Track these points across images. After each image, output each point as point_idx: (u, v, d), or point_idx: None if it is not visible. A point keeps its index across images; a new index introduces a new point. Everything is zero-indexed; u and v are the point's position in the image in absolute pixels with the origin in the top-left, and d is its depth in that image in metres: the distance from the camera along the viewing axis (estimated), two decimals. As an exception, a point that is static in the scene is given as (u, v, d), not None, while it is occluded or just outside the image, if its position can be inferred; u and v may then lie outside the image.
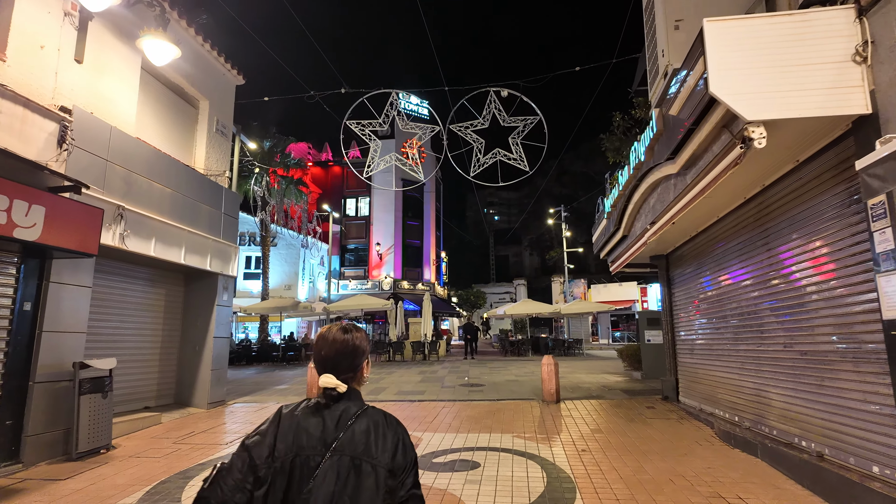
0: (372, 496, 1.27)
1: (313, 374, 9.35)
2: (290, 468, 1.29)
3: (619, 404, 9.24)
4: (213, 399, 9.22)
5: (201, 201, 9.15)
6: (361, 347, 1.52)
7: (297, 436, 1.33)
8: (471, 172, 10.30)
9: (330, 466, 1.28)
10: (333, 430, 1.34)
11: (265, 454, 1.31)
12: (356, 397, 1.46)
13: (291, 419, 1.39)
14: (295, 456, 1.30)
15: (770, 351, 5.77)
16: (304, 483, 1.27)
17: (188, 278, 9.64)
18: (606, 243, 10.08)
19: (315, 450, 1.31)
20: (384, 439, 1.35)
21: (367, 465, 1.30)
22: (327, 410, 1.38)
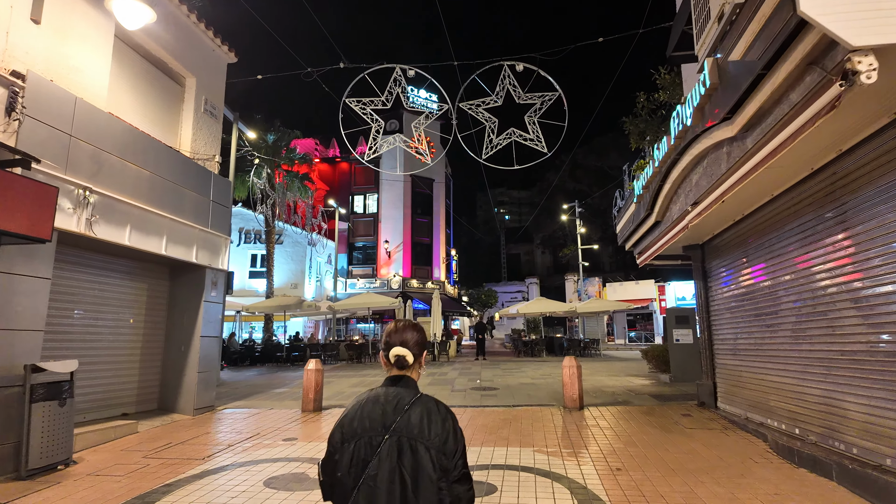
0: (429, 473, 1.47)
1: (309, 378, 8.49)
2: (354, 448, 1.50)
3: (651, 411, 8.25)
4: (199, 404, 8.38)
5: (186, 187, 8.32)
6: (424, 340, 1.75)
7: (360, 421, 1.54)
8: (482, 154, 9.37)
9: (390, 446, 1.48)
10: (392, 415, 1.53)
11: (338, 439, 1.56)
12: (412, 385, 1.66)
13: (355, 408, 1.60)
14: (359, 438, 1.51)
15: (847, 351, 4.77)
16: (368, 460, 1.48)
17: (174, 272, 8.82)
18: (634, 232, 9.08)
19: (376, 431, 1.51)
20: (436, 424, 1.53)
21: (421, 447, 1.49)
22: (385, 396, 1.59)
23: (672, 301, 34.07)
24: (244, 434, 6.91)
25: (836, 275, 4.86)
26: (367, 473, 1.45)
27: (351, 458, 1.49)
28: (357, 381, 13.07)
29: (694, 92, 5.12)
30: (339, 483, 1.51)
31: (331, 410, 8.56)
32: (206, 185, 8.85)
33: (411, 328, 1.73)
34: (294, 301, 20.12)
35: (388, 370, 1.71)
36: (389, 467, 1.45)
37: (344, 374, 14.96)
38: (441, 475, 1.48)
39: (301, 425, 7.45)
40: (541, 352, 22.76)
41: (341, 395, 10.50)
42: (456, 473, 1.52)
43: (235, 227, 28.41)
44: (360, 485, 1.46)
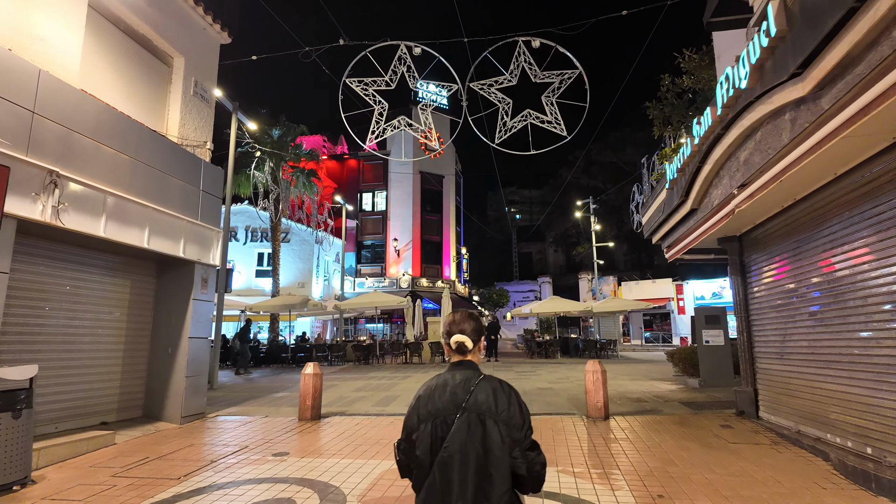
0: (499, 444, 1.61)
1: (307, 384, 7.75)
2: (431, 427, 1.66)
3: (684, 421, 7.40)
4: (188, 412, 7.69)
5: (173, 174, 7.63)
6: (481, 328, 1.89)
7: (434, 403, 1.70)
8: (495, 139, 8.57)
9: (462, 422, 1.63)
10: (461, 394, 1.68)
11: (413, 423, 1.72)
12: (474, 367, 1.81)
13: (425, 393, 1.75)
14: (435, 418, 1.67)
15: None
16: (443, 436, 1.64)
17: (161, 268, 8.15)
18: (665, 222, 8.23)
19: (449, 411, 1.67)
20: (502, 400, 1.68)
21: (490, 421, 1.63)
22: (453, 379, 1.74)
23: (690, 301, 32.96)
24: (231, 447, 6.19)
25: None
26: (444, 450, 1.61)
27: (430, 438, 1.64)
28: (362, 384, 12.35)
29: (751, 47, 4.28)
30: (418, 461, 1.67)
31: (330, 419, 7.83)
32: (196, 174, 8.16)
33: (469, 318, 1.88)
34: (299, 300, 19.47)
35: (450, 357, 1.87)
36: (462, 441, 1.60)
37: (349, 377, 14.25)
38: (512, 445, 1.62)
39: (295, 436, 6.72)
40: (555, 353, 21.89)
41: (343, 400, 9.76)
42: (526, 443, 1.65)
43: (242, 226, 27.92)
44: (435, 463, 1.62)
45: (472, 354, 1.85)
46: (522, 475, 1.63)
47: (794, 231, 6.17)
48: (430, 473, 1.61)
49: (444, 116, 34.99)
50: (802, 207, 5.87)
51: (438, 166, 34.30)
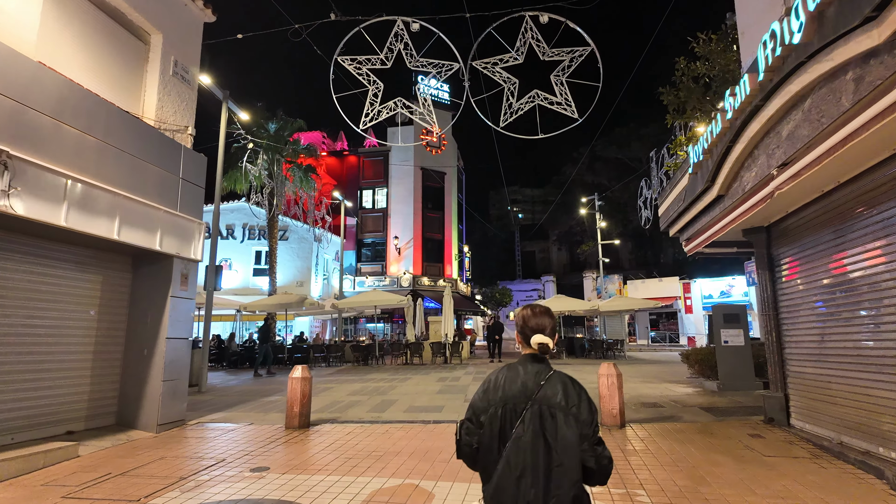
0: (569, 437, 1.66)
1: (294, 389, 7.10)
2: (501, 412, 1.72)
3: (708, 430, 6.73)
4: (165, 419, 7.05)
5: (149, 160, 7.00)
6: (555, 324, 1.91)
7: (504, 390, 1.76)
8: (500, 122, 7.90)
9: (533, 413, 1.69)
10: (532, 386, 1.74)
11: (482, 405, 1.78)
12: (546, 362, 1.85)
13: (497, 378, 1.81)
14: (504, 404, 1.73)
15: None
16: (512, 423, 1.70)
17: (137, 262, 7.52)
18: (685, 212, 7.56)
19: (519, 400, 1.72)
20: (572, 396, 1.73)
21: (560, 414, 1.68)
22: (525, 370, 1.79)
23: (698, 300, 32.25)
24: (206, 460, 5.55)
25: None
26: (513, 436, 1.68)
27: (499, 423, 1.72)
28: (359, 387, 11.70)
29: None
30: (484, 445, 1.76)
31: (320, 428, 7.17)
32: (175, 161, 7.52)
33: (545, 314, 1.90)
34: (296, 299, 18.84)
35: (522, 349, 1.91)
36: (533, 431, 1.67)
37: (346, 379, 13.60)
38: (581, 439, 1.67)
39: (279, 448, 6.07)
40: (560, 354, 21.21)
41: (337, 405, 9.11)
42: (594, 438, 1.70)
43: (239, 223, 27.31)
44: (507, 449, 1.68)
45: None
46: (591, 468, 1.69)
47: (836, 218, 5.49)
48: (501, 459, 1.68)
49: (445, 112, 34.34)
50: (847, 191, 5.19)
51: (440, 162, 33.63)
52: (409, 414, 8.09)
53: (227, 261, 27.01)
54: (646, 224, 19.13)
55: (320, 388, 11.43)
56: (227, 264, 27.00)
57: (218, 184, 12.26)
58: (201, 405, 9.37)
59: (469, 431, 1.79)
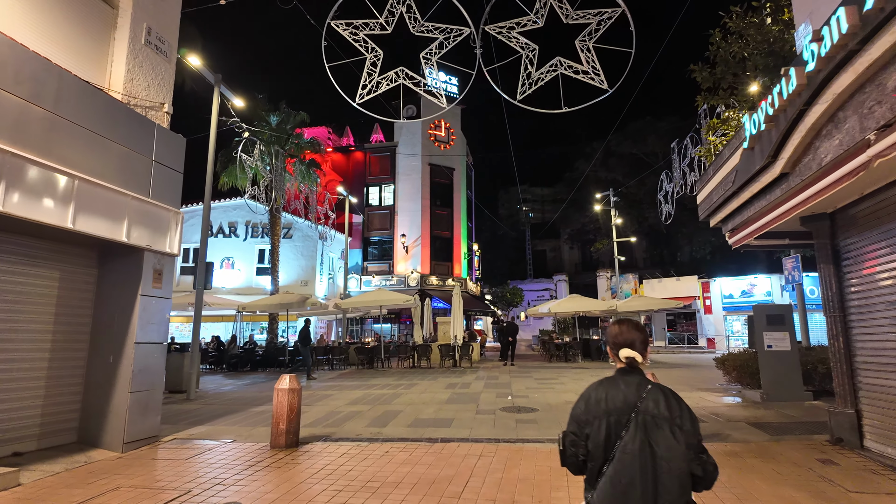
0: (675, 446, 1.72)
1: (280, 402, 6.14)
2: (605, 424, 1.79)
3: (767, 453, 5.67)
4: (133, 436, 6.13)
5: (115, 139, 6.09)
6: (646, 339, 2.01)
7: (607, 402, 1.83)
8: (517, 94, 6.90)
9: (637, 424, 1.76)
10: (633, 398, 1.81)
11: (584, 418, 1.87)
12: (642, 374, 1.92)
13: (598, 391, 1.91)
14: (608, 415, 1.80)
15: None
16: (618, 434, 1.77)
17: (104, 256, 6.61)
18: (733, 197, 6.49)
19: (622, 411, 1.79)
20: (674, 408, 1.79)
21: (665, 424, 1.75)
22: (624, 383, 1.88)
23: (718, 299, 30.94)
24: (168, 491, 4.61)
25: None
26: (620, 446, 1.75)
27: (605, 433, 1.79)
28: (360, 394, 10.74)
29: None
30: (589, 454, 1.83)
31: (310, 447, 6.21)
32: (147, 141, 6.60)
33: (634, 328, 2.00)
34: (297, 299, 17.93)
35: (615, 363, 2.01)
36: (640, 441, 1.73)
37: (348, 384, 12.65)
38: (687, 448, 1.73)
39: (259, 475, 5.12)
40: (576, 356, 20.13)
41: (334, 417, 8.15)
42: (699, 447, 1.76)
43: (242, 221, 26.52)
44: (613, 456, 1.76)
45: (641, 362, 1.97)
46: (699, 475, 1.75)
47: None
48: (609, 467, 1.76)
49: (454, 107, 33.35)
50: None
51: (448, 158, 32.62)
52: (414, 429, 7.10)
53: (229, 259, 26.25)
54: (667, 219, 18.03)
55: (319, 396, 10.49)
56: (230, 263, 26.24)
57: (209, 174, 11.37)
58: (184, 416, 8.47)
59: (573, 443, 1.87)
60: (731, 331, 30.65)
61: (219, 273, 25.92)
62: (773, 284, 29.47)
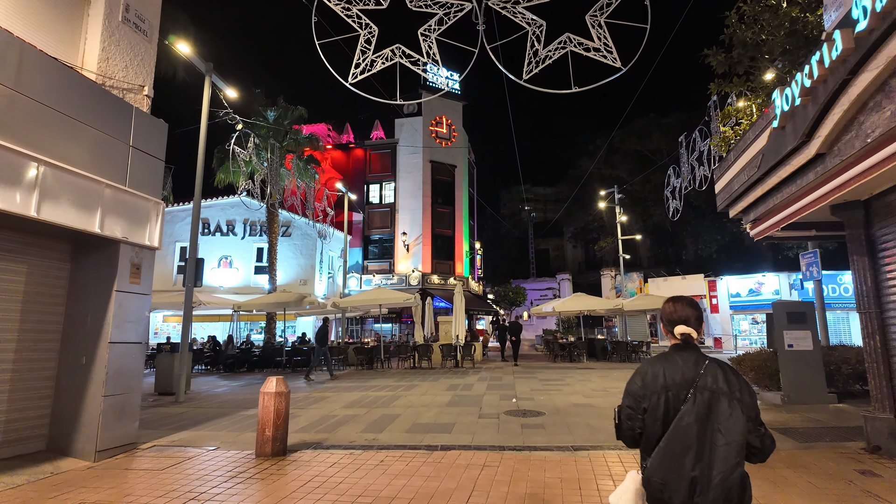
0: (737, 419, 1.79)
1: (267, 407, 5.65)
2: (664, 399, 1.87)
3: (798, 462, 5.17)
4: (107, 443, 5.66)
5: (87, 122, 5.61)
6: (700, 315, 2.05)
7: (664, 377, 1.90)
8: (523, 73, 6.40)
9: (697, 398, 1.82)
10: (692, 372, 1.87)
11: (641, 393, 1.94)
12: (698, 350, 1.97)
13: (654, 367, 1.96)
14: (667, 390, 1.88)
15: None
16: (676, 408, 1.84)
17: (78, 249, 6.13)
18: (760, 182, 5.98)
19: (681, 386, 1.86)
20: (732, 382, 1.87)
21: (724, 398, 1.81)
22: (681, 358, 1.93)
23: (725, 298, 30.38)
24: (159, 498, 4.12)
25: None
26: (679, 420, 1.82)
27: (663, 408, 1.86)
28: (358, 396, 10.25)
29: None
30: (647, 427, 1.91)
31: (298, 456, 5.72)
32: (124, 124, 6.13)
33: (689, 305, 2.05)
34: (294, 298, 17.46)
35: (669, 339, 2.05)
36: (697, 414, 1.80)
37: (345, 386, 12.16)
38: (746, 420, 1.81)
39: (240, 489, 4.63)
40: (581, 356, 19.59)
41: (328, 421, 7.66)
42: (757, 419, 1.85)
43: (240, 219, 26.07)
44: (670, 430, 1.83)
45: (696, 339, 2.01)
46: (756, 447, 1.84)
47: None
48: (665, 438, 1.83)
49: (455, 103, 32.85)
50: None
51: (450, 155, 32.10)
52: (412, 435, 6.60)
53: (227, 258, 25.81)
54: (674, 216, 17.51)
55: (314, 399, 10.01)
56: (228, 262, 25.80)
57: (199, 166, 10.89)
58: (170, 420, 7.99)
59: (630, 417, 1.96)
60: (738, 330, 30.08)
61: (217, 272, 25.50)
62: (781, 283, 28.91)
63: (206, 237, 25.77)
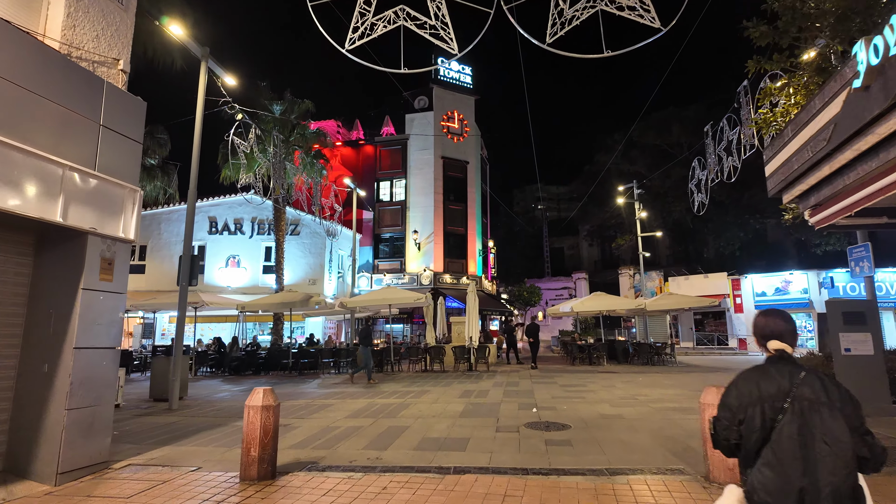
0: (841, 429, 1.75)
1: (253, 423, 4.88)
2: (759, 410, 1.86)
3: (880, 490, 4.26)
4: (71, 464, 4.93)
5: (45, 95, 4.90)
6: (795, 329, 2.04)
7: (759, 390, 1.89)
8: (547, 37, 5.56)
9: (794, 409, 1.80)
10: (788, 383, 1.85)
11: (737, 404, 1.93)
12: (794, 360, 1.96)
13: (748, 380, 1.95)
14: (762, 402, 1.87)
15: None
16: (773, 419, 1.83)
17: (42, 242, 5.42)
18: (827, 159, 5.05)
19: (776, 397, 1.85)
20: (832, 392, 1.83)
21: (825, 409, 1.78)
22: (776, 371, 1.92)
23: (749, 297, 29.14)
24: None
25: None
26: (779, 432, 1.80)
27: (760, 419, 1.85)
28: (364, 404, 9.47)
29: None
30: (743, 438, 1.90)
31: (289, 480, 4.93)
32: (93, 101, 5.41)
33: (781, 319, 2.04)
34: (300, 297, 16.78)
35: (762, 351, 2.06)
36: (798, 426, 1.78)
37: (351, 392, 11.40)
38: (852, 430, 1.76)
39: (212, 524, 3.85)
40: (601, 359, 18.64)
41: (328, 435, 6.87)
42: (863, 429, 1.79)
43: (248, 217, 25.51)
44: (772, 441, 1.81)
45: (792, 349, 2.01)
46: (865, 457, 1.77)
47: None
48: (766, 450, 1.82)
49: (467, 97, 31.99)
50: None
51: (462, 151, 31.24)
52: (421, 454, 5.79)
53: (234, 258, 25.26)
54: (699, 210, 16.50)
55: (316, 407, 9.26)
56: (236, 261, 25.25)
57: (195, 158, 10.20)
58: (156, 431, 7.28)
59: (725, 428, 1.95)
60: (763, 331, 28.83)
61: (224, 272, 24.97)
62: (809, 281, 27.62)
63: (214, 236, 25.27)
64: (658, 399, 9.52)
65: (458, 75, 31.46)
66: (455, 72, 31.32)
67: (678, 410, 8.28)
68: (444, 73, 30.94)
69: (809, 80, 8.66)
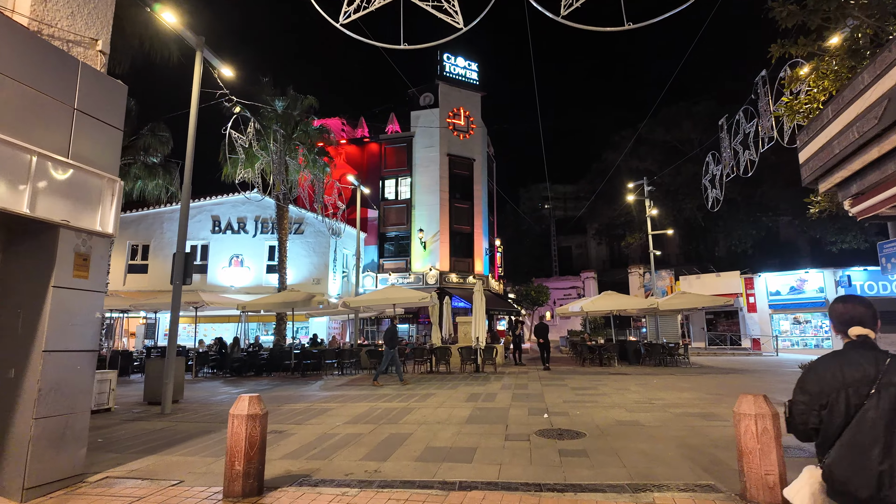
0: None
1: (237, 434, 4.44)
2: (844, 395, 1.85)
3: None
4: (39, 478, 4.50)
5: (11, 75, 4.47)
6: (875, 313, 2.00)
7: (843, 375, 1.88)
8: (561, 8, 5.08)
9: (882, 394, 1.78)
10: (873, 369, 1.83)
11: (818, 390, 1.92)
12: (876, 346, 1.93)
13: (830, 365, 1.94)
14: (847, 387, 1.85)
15: None
16: (858, 405, 1.81)
17: (10, 237, 5.00)
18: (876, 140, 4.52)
19: (862, 383, 1.83)
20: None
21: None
22: (860, 356, 1.90)
23: (763, 297, 28.45)
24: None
25: None
26: (863, 415, 1.79)
27: (844, 405, 1.83)
28: (364, 408, 9.02)
29: None
30: (825, 423, 1.89)
31: (278, 497, 4.48)
32: (67, 83, 4.98)
33: (860, 304, 2.01)
34: (302, 297, 16.36)
35: (841, 337, 2.04)
36: (883, 410, 1.76)
37: (353, 395, 10.95)
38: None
39: (184, 552, 3.40)
40: (612, 360, 18.09)
41: (324, 444, 6.41)
42: None
43: (251, 216, 25.18)
44: (852, 424, 1.81)
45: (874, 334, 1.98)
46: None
47: None
48: (847, 433, 1.81)
49: (473, 94, 31.51)
50: None
51: (468, 149, 30.76)
52: (424, 466, 5.31)
53: (238, 257, 24.94)
54: (713, 207, 15.95)
55: (315, 411, 8.82)
56: (239, 261, 24.93)
57: (189, 153, 9.79)
58: (143, 439, 6.86)
59: (803, 412, 1.95)
60: (777, 331, 28.16)
61: (227, 271, 24.67)
62: (825, 279, 26.90)
63: (217, 235, 24.98)
64: (676, 403, 9.00)
65: (464, 71, 30.99)
66: (461, 68, 30.85)
67: (699, 416, 7.75)
68: (450, 70, 30.48)
69: (841, 63, 8.11)
